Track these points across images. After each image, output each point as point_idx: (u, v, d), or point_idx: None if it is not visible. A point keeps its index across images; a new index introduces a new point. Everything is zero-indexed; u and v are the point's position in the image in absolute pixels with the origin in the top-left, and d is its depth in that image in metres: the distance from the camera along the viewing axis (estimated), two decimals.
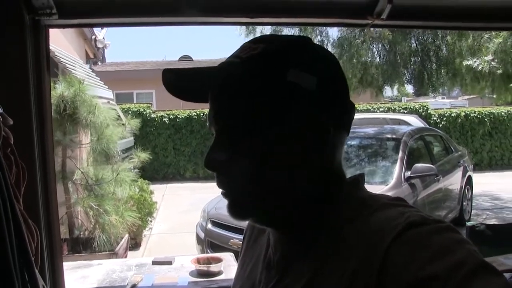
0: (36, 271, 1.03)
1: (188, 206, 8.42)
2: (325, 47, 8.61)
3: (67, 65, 5.47)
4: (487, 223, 2.82)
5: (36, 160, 1.59)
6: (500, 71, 7.00)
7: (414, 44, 8.29)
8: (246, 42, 0.75)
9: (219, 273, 2.70)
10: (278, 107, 0.68)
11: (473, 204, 7.82)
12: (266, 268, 0.76)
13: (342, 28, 7.85)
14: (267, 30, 7.94)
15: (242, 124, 0.69)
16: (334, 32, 8.77)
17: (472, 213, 7.62)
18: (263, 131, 0.68)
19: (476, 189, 8.25)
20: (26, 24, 1.48)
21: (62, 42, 6.21)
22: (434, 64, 8.37)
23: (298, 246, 0.71)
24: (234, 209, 0.73)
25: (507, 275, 1.43)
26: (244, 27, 8.73)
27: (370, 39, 7.95)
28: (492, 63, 6.93)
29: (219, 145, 0.71)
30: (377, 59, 8.59)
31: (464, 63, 7.30)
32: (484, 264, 0.53)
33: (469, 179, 7.53)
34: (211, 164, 0.71)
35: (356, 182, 0.74)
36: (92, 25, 5.18)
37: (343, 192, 0.72)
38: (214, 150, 0.71)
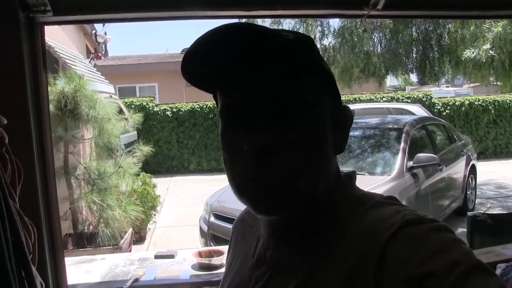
0: (33, 269, 1.04)
1: (193, 199, 8.45)
2: (325, 37, 8.58)
3: (67, 61, 5.48)
4: (489, 212, 2.81)
5: (35, 158, 1.60)
6: (500, 61, 6.96)
7: (416, 33, 8.22)
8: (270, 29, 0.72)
9: (220, 266, 2.71)
10: (323, 91, 0.70)
11: (477, 193, 7.78)
12: (256, 264, 0.75)
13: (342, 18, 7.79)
14: (267, 23, 7.89)
15: (302, 106, 0.66)
16: (335, 22, 8.72)
17: (476, 202, 7.59)
18: (316, 113, 0.68)
19: (481, 177, 8.22)
20: (20, 21, 1.48)
21: (62, 38, 6.22)
22: (436, 53, 8.30)
23: (293, 243, 0.71)
24: (271, 199, 0.66)
25: (503, 265, 1.43)
26: (244, 20, 8.71)
27: (371, 28, 7.90)
28: (491, 52, 6.88)
29: (274, 126, 0.65)
30: (379, 49, 8.54)
31: (463, 55, 7.25)
32: (480, 264, 0.54)
33: (473, 168, 7.49)
34: (264, 143, 0.64)
35: (349, 179, 0.74)
36: (87, 21, 5.18)
37: (339, 187, 0.72)
38: (264, 130, 0.65)
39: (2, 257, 0.93)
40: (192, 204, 7.98)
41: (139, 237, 6.23)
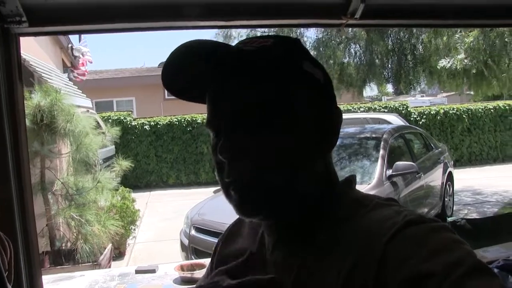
0: (9, 286, 1.00)
1: (172, 213, 8.36)
2: None
3: (43, 74, 5.39)
4: (467, 217, 2.86)
5: (10, 172, 1.56)
6: (474, 70, 7.16)
7: (391, 44, 8.38)
8: (247, 38, 0.75)
9: None
10: (299, 94, 0.70)
11: (455, 199, 7.91)
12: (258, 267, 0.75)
13: (319, 29, 7.89)
14: (243, 33, 7.95)
15: (266, 109, 0.67)
16: (310, 34, 8.83)
17: (454, 208, 7.71)
18: (285, 117, 0.68)
19: (458, 184, 8.36)
20: None
21: (37, 51, 6.13)
22: (410, 63, 8.47)
23: (292, 243, 0.71)
24: (248, 201, 0.69)
25: None
26: (220, 34, 8.73)
27: (346, 39, 8.02)
28: (465, 61, 7.07)
29: (239, 131, 0.68)
30: (355, 60, 8.66)
31: (439, 65, 7.44)
32: (481, 265, 0.54)
33: (450, 175, 7.62)
34: (232, 148, 0.67)
35: (349, 183, 0.75)
36: (65, 33, 5.09)
37: (337, 191, 0.73)
38: (232, 135, 0.68)
39: None
40: (171, 218, 7.89)
41: (118, 253, 6.12)
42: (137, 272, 2.88)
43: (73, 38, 9.42)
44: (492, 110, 13.81)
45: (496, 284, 0.52)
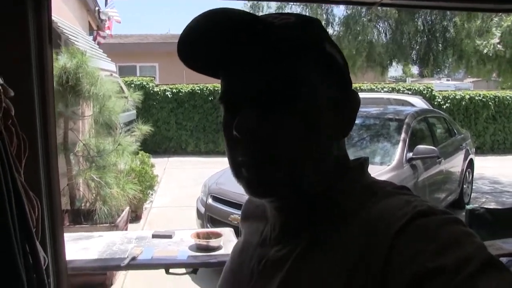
0: (37, 243, 1.04)
1: (190, 180, 8.46)
2: (330, 26, 8.49)
3: (70, 37, 5.42)
4: (487, 207, 2.82)
5: (37, 132, 1.58)
6: (507, 56, 6.93)
7: (421, 24, 8.15)
8: (268, 14, 0.72)
9: (218, 248, 2.72)
10: (322, 76, 0.68)
11: (473, 187, 7.83)
12: (261, 244, 0.75)
13: (348, 5, 7.71)
14: (272, 7, 7.83)
15: (291, 88, 0.65)
16: (339, 11, 8.65)
17: (471, 196, 7.64)
18: (311, 96, 0.66)
19: (477, 172, 8.23)
20: None
21: (65, 13, 6.14)
22: (440, 45, 8.24)
23: (297, 230, 0.69)
24: (262, 181, 0.66)
25: (504, 259, 1.43)
26: (248, 5, 8.61)
27: (376, 17, 7.83)
28: (498, 46, 6.85)
29: (263, 109, 0.65)
30: (383, 38, 8.47)
31: (475, 43, 7.18)
32: (493, 260, 0.52)
33: (471, 162, 7.52)
34: (250, 126, 0.64)
35: (361, 166, 0.73)
36: None
37: (348, 176, 0.71)
38: (253, 112, 0.65)
39: (8, 231, 0.92)
40: (188, 185, 7.99)
41: (135, 216, 6.25)
42: (154, 236, 2.95)
43: (100, 1, 9.44)
44: None
45: (508, 279, 0.51)
